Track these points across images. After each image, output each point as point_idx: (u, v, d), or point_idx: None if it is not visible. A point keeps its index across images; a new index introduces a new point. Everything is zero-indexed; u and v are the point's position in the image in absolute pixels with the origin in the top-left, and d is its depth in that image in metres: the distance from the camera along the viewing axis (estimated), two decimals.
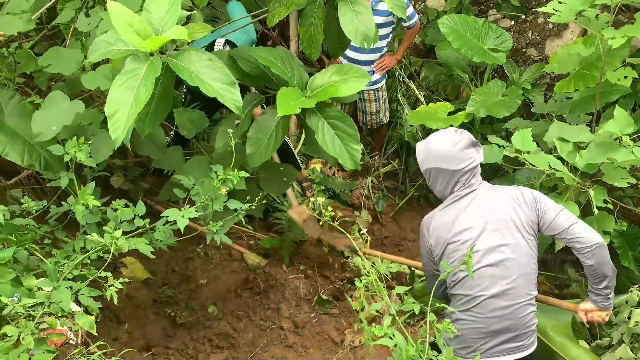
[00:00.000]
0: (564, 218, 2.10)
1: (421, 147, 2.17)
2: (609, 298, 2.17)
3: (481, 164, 2.16)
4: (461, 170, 2.08)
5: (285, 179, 2.99)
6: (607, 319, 2.23)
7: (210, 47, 3.06)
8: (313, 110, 2.35)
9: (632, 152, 2.49)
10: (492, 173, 3.63)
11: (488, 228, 2.07)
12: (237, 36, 3.22)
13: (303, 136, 3.93)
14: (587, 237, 2.06)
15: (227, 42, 3.08)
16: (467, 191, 2.11)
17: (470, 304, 2.08)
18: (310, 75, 2.50)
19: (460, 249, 2.06)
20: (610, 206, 2.71)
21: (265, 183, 2.97)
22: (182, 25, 2.10)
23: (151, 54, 1.92)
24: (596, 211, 2.68)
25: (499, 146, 2.94)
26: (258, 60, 2.45)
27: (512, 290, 2.06)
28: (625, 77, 2.90)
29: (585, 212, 2.81)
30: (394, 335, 1.63)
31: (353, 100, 3.06)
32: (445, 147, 2.08)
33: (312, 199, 3.73)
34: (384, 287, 1.81)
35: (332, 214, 1.99)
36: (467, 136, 2.11)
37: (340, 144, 2.36)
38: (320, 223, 3.40)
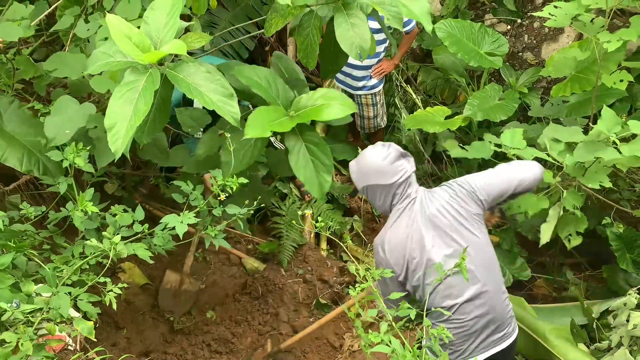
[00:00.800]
0: (500, 189, 2.16)
1: (353, 167, 2.17)
2: None
3: (475, 161, 2.16)
4: (395, 183, 2.09)
5: None
6: None
7: None
8: (293, 130, 2.28)
9: (619, 150, 2.50)
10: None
11: (438, 236, 2.07)
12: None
13: None
14: (530, 183, 2.20)
15: None
16: (407, 202, 2.12)
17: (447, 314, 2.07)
18: (312, 89, 2.47)
19: (421, 264, 2.05)
20: (578, 213, 2.72)
21: (275, 167, 2.94)
22: (182, 34, 2.11)
23: (150, 65, 1.92)
24: (561, 213, 2.70)
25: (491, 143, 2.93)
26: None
27: (482, 286, 2.07)
28: (621, 80, 2.92)
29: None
30: (390, 341, 1.63)
31: (347, 122, 3.02)
32: (375, 162, 2.10)
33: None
34: (379, 293, 1.81)
35: (323, 224, 1.97)
36: (395, 149, 2.12)
37: (313, 171, 2.28)
38: None
